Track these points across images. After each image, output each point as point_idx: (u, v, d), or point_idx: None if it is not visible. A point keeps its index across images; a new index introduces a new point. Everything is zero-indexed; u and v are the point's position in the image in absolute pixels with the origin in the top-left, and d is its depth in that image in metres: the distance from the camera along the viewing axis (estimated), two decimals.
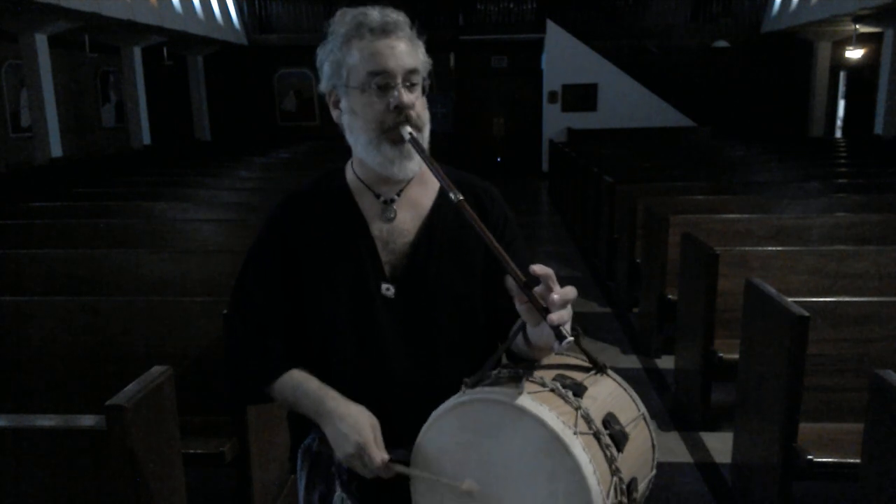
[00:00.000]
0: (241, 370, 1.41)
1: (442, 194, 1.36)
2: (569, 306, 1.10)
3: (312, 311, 1.37)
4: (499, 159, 15.57)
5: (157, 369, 1.97)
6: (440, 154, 1.32)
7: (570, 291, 1.10)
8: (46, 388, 2.76)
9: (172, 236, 4.36)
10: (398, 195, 1.37)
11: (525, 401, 1.09)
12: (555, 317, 1.07)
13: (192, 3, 12.41)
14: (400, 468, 1.22)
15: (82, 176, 8.18)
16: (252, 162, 9.27)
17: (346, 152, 1.39)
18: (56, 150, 9.70)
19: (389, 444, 1.31)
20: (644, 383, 4.20)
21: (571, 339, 1.08)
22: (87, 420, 1.78)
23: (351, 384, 1.33)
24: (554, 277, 1.10)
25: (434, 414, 1.18)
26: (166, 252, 3.68)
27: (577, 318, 1.13)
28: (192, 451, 2.42)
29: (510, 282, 1.11)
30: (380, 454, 1.23)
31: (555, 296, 1.08)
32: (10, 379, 2.77)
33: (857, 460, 2.07)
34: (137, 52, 12.17)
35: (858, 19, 10.97)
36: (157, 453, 1.89)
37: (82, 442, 1.75)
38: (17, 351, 2.76)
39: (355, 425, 1.25)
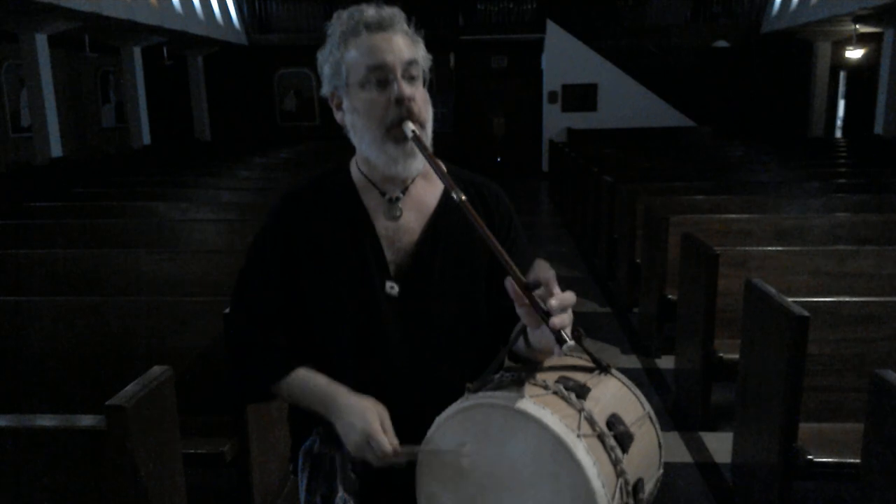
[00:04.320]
0: (246, 369, 1.40)
1: (447, 192, 1.36)
2: (569, 310, 1.10)
3: (315, 308, 1.36)
4: (499, 159, 15.56)
5: (157, 369, 1.97)
6: (440, 154, 1.31)
7: (570, 296, 1.10)
8: (46, 388, 2.76)
9: (172, 236, 4.36)
10: (403, 193, 1.36)
11: (527, 405, 1.08)
12: (556, 321, 1.06)
13: (192, 3, 12.40)
14: (408, 450, 1.22)
15: (82, 176, 8.17)
16: (252, 162, 9.27)
17: (348, 152, 1.39)
18: (56, 150, 9.70)
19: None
20: (644, 383, 4.20)
21: (572, 343, 1.07)
22: (87, 420, 1.78)
23: (353, 382, 1.33)
24: (554, 281, 1.10)
25: (438, 419, 1.18)
26: (166, 252, 3.67)
27: (578, 318, 1.13)
28: (192, 451, 2.42)
29: (510, 284, 1.10)
30: (387, 439, 1.23)
31: (553, 301, 1.07)
32: (10, 379, 2.77)
33: (857, 460, 2.07)
34: (137, 52, 12.16)
35: (858, 19, 10.96)
36: (157, 453, 1.89)
37: (82, 442, 1.76)
38: (17, 351, 2.76)
39: (362, 413, 1.25)
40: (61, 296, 3.39)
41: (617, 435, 1.11)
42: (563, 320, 1.07)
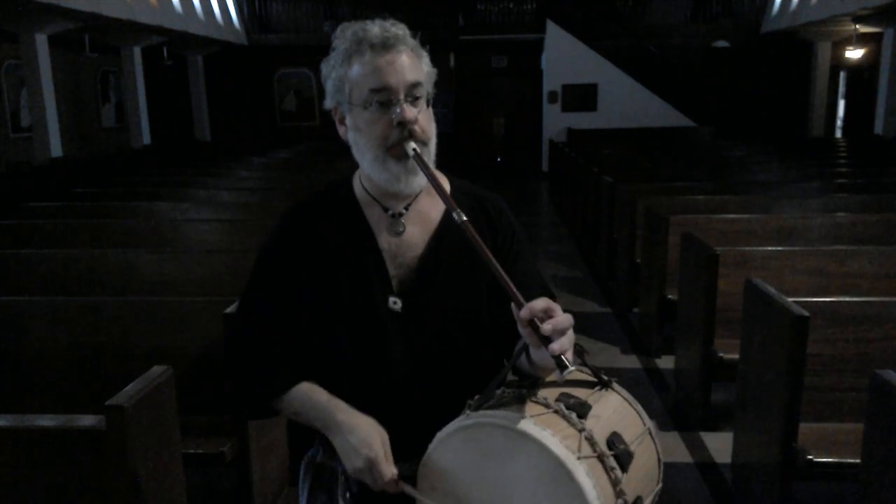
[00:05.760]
0: (247, 386, 1.40)
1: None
2: (570, 332, 1.10)
3: (317, 322, 1.36)
4: (499, 159, 15.56)
5: (157, 369, 1.97)
6: (440, 154, 1.31)
7: (566, 320, 1.10)
8: (46, 388, 2.76)
9: (172, 236, 4.36)
10: (406, 209, 1.36)
11: (528, 425, 1.08)
12: (556, 346, 1.06)
13: (192, 3, 12.40)
14: (408, 489, 1.22)
15: (82, 176, 8.16)
16: (252, 162, 9.26)
17: (348, 154, 1.39)
18: (56, 150, 9.69)
19: (394, 457, 1.30)
20: (644, 383, 4.19)
21: (573, 368, 1.07)
22: (87, 420, 1.78)
23: (355, 397, 1.33)
24: (555, 308, 1.10)
25: (438, 435, 1.17)
26: (166, 252, 3.68)
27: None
28: (192, 451, 2.42)
29: (515, 308, 1.10)
30: (390, 469, 1.24)
31: (546, 325, 1.07)
32: (10, 379, 2.77)
33: (857, 460, 2.07)
34: (137, 52, 12.16)
35: (858, 19, 10.96)
36: (157, 453, 1.89)
37: (82, 442, 1.76)
38: (17, 351, 2.76)
39: (366, 439, 1.25)
40: (61, 296, 3.39)
41: (617, 454, 1.11)
42: (563, 345, 1.07)
